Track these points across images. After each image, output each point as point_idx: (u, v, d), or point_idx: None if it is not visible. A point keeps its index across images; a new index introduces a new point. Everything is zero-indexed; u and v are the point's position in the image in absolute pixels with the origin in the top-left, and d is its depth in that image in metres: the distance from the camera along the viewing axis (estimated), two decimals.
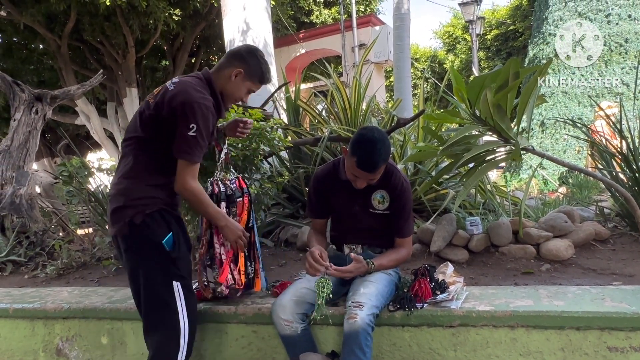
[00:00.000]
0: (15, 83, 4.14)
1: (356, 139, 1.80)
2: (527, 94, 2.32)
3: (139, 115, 1.73)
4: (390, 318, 1.84)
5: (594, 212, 3.06)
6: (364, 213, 1.96)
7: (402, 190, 1.94)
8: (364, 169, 1.77)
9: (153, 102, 1.70)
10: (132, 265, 1.70)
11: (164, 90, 1.71)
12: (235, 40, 5.50)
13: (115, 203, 1.68)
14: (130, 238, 1.66)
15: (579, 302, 1.76)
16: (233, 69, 1.80)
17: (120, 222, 1.65)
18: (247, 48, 1.86)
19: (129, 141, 1.73)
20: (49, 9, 7.58)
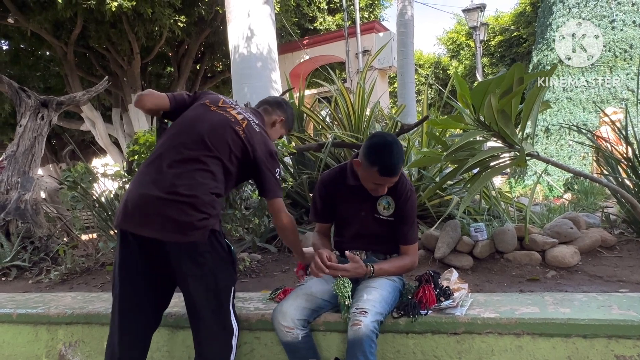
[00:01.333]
0: (21, 89, 4.17)
1: (371, 148, 1.78)
2: (531, 100, 2.31)
3: (230, 141, 1.75)
4: (394, 325, 1.82)
5: (600, 219, 3.04)
6: (369, 219, 1.96)
7: (408, 197, 1.94)
8: (388, 175, 1.77)
9: (244, 139, 1.78)
10: (204, 271, 1.66)
11: (252, 132, 1.82)
12: (240, 47, 5.54)
13: (198, 212, 1.63)
14: (208, 244, 1.66)
15: (585, 310, 1.74)
16: (277, 117, 2.04)
17: (201, 229, 1.63)
18: (284, 100, 2.14)
19: (211, 157, 1.72)
20: (55, 16, 7.65)
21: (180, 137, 1.74)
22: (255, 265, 2.91)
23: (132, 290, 1.69)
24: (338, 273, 1.78)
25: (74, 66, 9.27)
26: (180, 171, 1.66)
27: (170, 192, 1.62)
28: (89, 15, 7.83)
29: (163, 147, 1.74)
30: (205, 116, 1.79)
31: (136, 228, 1.64)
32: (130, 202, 1.65)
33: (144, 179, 1.69)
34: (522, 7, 16.50)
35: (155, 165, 1.70)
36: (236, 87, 5.69)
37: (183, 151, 1.70)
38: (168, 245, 1.62)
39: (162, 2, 7.52)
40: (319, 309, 1.87)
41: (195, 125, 1.76)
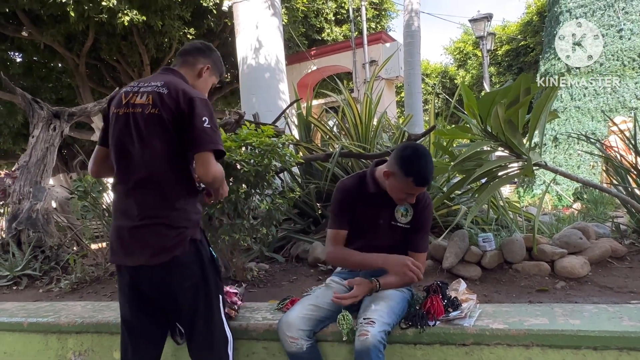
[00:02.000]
0: (34, 101, 4.25)
1: (407, 159, 1.80)
2: (539, 110, 2.32)
3: (154, 132, 1.61)
4: (402, 336, 1.82)
5: (609, 229, 3.01)
6: (386, 226, 1.97)
7: (426, 205, 1.98)
8: (422, 185, 1.81)
9: (159, 114, 1.60)
10: (193, 281, 1.64)
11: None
12: (248, 58, 5.61)
13: (173, 229, 1.59)
14: (191, 254, 1.64)
15: (595, 321, 1.72)
16: (201, 65, 1.79)
17: (181, 244, 1.60)
18: (204, 44, 1.85)
19: (155, 164, 1.61)
20: (68, 30, 7.82)
21: (119, 162, 1.66)
22: (263, 275, 2.92)
23: (133, 315, 1.72)
24: (348, 302, 1.80)
25: (86, 78, 9.44)
26: (138, 196, 1.62)
27: (139, 218, 1.60)
28: (101, 28, 7.99)
29: (115, 177, 1.70)
30: (121, 126, 1.64)
31: (121, 260, 1.65)
32: (114, 235, 1.67)
33: (115, 211, 1.69)
34: (529, 17, 16.51)
35: (118, 195, 1.69)
36: (244, 97, 5.76)
37: (130, 173, 1.63)
38: (154, 268, 1.61)
39: (172, 15, 7.65)
40: (325, 320, 1.87)
41: (119, 141, 1.64)
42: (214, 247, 2.69)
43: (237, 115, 3.72)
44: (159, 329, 1.78)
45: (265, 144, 2.55)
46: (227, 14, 8.21)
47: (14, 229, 3.81)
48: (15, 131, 10.98)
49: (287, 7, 9.43)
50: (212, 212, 2.49)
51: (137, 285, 1.67)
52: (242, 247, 2.89)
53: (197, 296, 1.66)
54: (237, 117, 3.68)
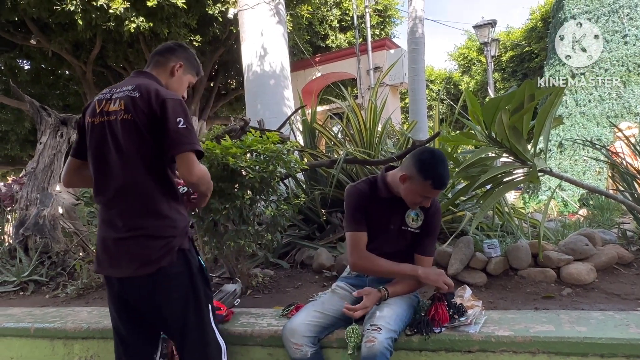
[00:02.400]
0: (42, 108, 4.30)
1: (424, 162, 1.82)
2: (543, 116, 2.32)
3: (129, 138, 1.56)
4: (407, 342, 1.81)
5: (616, 235, 2.99)
6: (396, 231, 1.98)
7: (436, 210, 2.00)
8: (440, 188, 1.84)
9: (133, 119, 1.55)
10: (182, 292, 1.61)
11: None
12: (253, 65, 5.65)
13: (159, 239, 1.56)
14: (179, 265, 1.60)
15: (602, 328, 1.71)
16: (173, 64, 1.75)
17: (168, 254, 1.57)
18: (175, 43, 1.82)
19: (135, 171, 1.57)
20: (76, 37, 7.92)
21: (98, 172, 1.62)
22: (267, 281, 2.92)
23: (123, 325, 1.69)
24: (359, 314, 1.79)
25: (92, 85, 9.54)
26: (120, 205, 1.58)
27: (122, 230, 1.57)
28: (108, 36, 8.08)
29: (95, 188, 1.65)
30: (97, 136, 1.61)
31: (107, 271, 1.63)
32: (99, 247, 1.64)
33: (100, 222, 1.65)
34: (533, 23, 16.53)
35: (101, 208, 1.65)
36: (249, 104, 5.79)
37: (109, 183, 1.59)
38: (140, 280, 1.58)
39: (178, 23, 7.73)
40: (329, 326, 1.87)
41: (95, 155, 1.62)
42: (219, 253, 2.70)
43: (242, 122, 3.74)
44: (148, 339, 1.74)
45: (270, 150, 2.56)
46: (232, 21, 8.29)
47: (21, 235, 3.84)
48: (22, 138, 11.10)
49: (292, 14, 9.51)
50: (218, 218, 2.51)
51: (123, 296, 1.63)
52: (247, 253, 2.90)
53: (186, 307, 1.62)
54: (242, 124, 3.70)
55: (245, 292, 2.76)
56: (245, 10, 5.71)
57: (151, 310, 1.64)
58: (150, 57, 1.80)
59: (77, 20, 6.96)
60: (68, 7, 6.69)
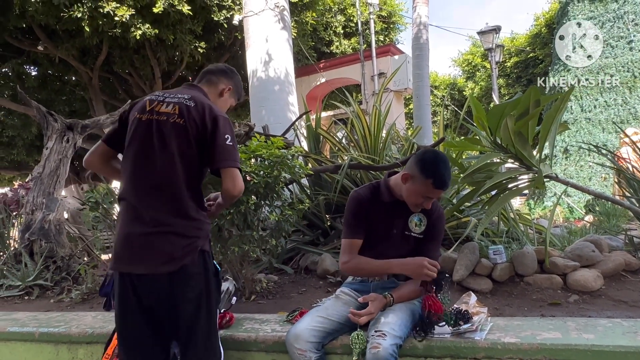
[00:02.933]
0: (49, 113, 4.33)
1: (426, 162, 1.83)
2: (549, 121, 2.31)
3: (176, 141, 1.65)
4: (412, 349, 1.80)
5: (623, 242, 2.96)
6: (400, 236, 1.97)
7: (439, 215, 1.99)
8: (441, 188, 1.83)
9: (185, 125, 1.65)
10: (196, 293, 1.62)
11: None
12: (258, 71, 5.68)
13: (185, 238, 1.60)
14: (199, 265, 1.64)
15: (610, 336, 1.69)
16: (224, 86, 1.88)
17: (191, 253, 1.61)
18: (227, 66, 1.95)
19: (173, 170, 1.64)
20: (82, 44, 7.99)
21: (134, 165, 1.66)
22: (272, 287, 2.92)
23: (131, 326, 1.66)
24: (365, 320, 1.78)
25: (98, 90, 9.61)
26: (153, 201, 1.62)
27: (152, 225, 1.59)
28: (114, 42, 8.15)
29: (128, 182, 1.67)
30: (143, 133, 1.66)
31: (127, 267, 1.62)
32: (118, 243, 1.64)
33: (124, 218, 1.66)
34: (537, 29, 16.52)
35: (129, 201, 1.66)
36: (254, 109, 5.81)
37: (145, 178, 1.63)
38: (160, 277, 1.59)
39: (183, 29, 7.79)
40: (333, 332, 1.86)
41: (138, 148, 1.66)
42: (224, 258, 2.70)
43: (247, 127, 3.75)
44: (157, 343, 1.71)
45: (274, 155, 2.57)
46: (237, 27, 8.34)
47: (26, 239, 3.86)
48: (29, 143, 11.17)
49: (296, 20, 9.55)
50: (222, 223, 2.51)
51: (139, 295, 1.62)
52: (252, 258, 2.89)
53: (199, 309, 1.64)
54: (247, 129, 3.72)
55: (249, 298, 2.76)
56: (250, 17, 5.75)
57: (165, 310, 1.64)
58: (202, 74, 1.92)
59: (84, 27, 7.02)
60: (75, 14, 6.76)
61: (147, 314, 1.65)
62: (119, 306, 1.67)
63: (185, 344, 1.66)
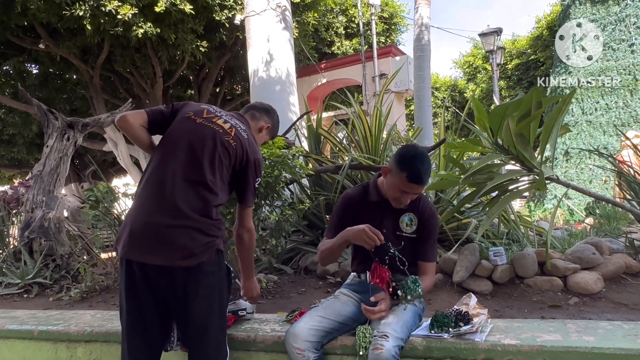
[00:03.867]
0: (50, 111, 4.33)
1: (403, 155, 1.86)
2: (550, 123, 2.31)
3: (223, 155, 1.74)
4: (412, 350, 1.79)
5: (623, 244, 2.96)
6: (391, 236, 1.96)
7: (431, 214, 1.98)
8: (415, 182, 1.82)
9: (235, 148, 1.77)
10: (209, 291, 1.65)
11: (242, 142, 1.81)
12: (259, 70, 5.68)
13: (206, 236, 1.65)
14: (215, 264, 1.69)
15: (610, 338, 1.69)
16: (264, 123, 2.02)
17: (208, 251, 1.65)
18: (270, 106, 2.11)
19: (210, 174, 1.70)
20: (84, 42, 7.99)
21: (176, 156, 1.70)
22: (271, 287, 2.91)
23: (140, 318, 1.66)
24: (377, 317, 1.78)
25: (99, 89, 9.60)
26: (183, 195, 1.64)
27: (177, 217, 1.61)
28: (116, 41, 8.15)
29: (160, 170, 1.69)
30: (195, 131, 1.74)
31: (142, 257, 1.61)
32: (136, 231, 1.63)
33: (146, 206, 1.65)
34: (539, 31, 16.52)
35: (156, 190, 1.66)
36: None
37: (182, 172, 1.67)
38: (175, 271, 1.60)
39: (185, 28, 7.79)
40: (332, 331, 1.85)
41: (188, 142, 1.72)
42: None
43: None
44: (159, 332, 1.72)
45: (275, 155, 2.57)
46: (239, 27, 8.34)
47: (26, 237, 3.86)
48: (29, 141, 11.18)
49: (298, 21, 9.56)
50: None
51: (151, 286, 1.62)
52: None
53: (211, 308, 1.66)
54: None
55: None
56: (252, 17, 5.75)
57: (176, 305, 1.66)
58: (247, 108, 2.07)
59: (86, 25, 7.03)
60: (77, 12, 6.76)
61: (156, 305, 1.66)
62: (128, 298, 1.65)
63: (196, 342, 1.67)
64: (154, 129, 1.81)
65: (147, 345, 1.69)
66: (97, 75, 9.25)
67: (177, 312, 1.68)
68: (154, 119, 1.80)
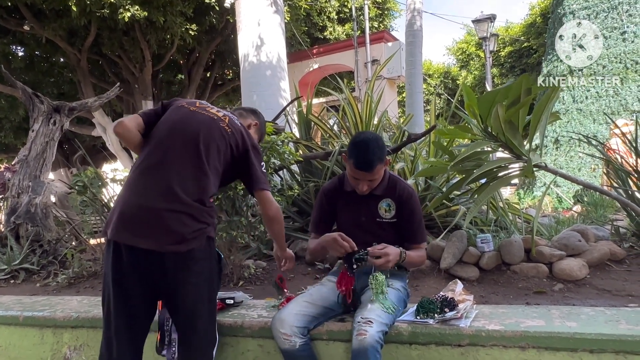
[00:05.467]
0: (35, 95, 4.25)
1: (351, 142, 1.91)
2: (540, 111, 2.30)
3: (219, 140, 1.74)
4: (397, 335, 1.81)
5: (609, 232, 2.99)
6: (371, 223, 1.98)
7: (408, 196, 1.99)
8: (361, 169, 1.85)
9: (231, 134, 1.78)
10: (200, 278, 1.64)
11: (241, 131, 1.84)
12: (250, 55, 5.60)
13: (197, 222, 1.63)
14: (205, 251, 1.67)
15: (592, 324, 1.71)
16: (251, 121, 2.05)
17: (199, 237, 1.64)
18: (256, 109, 2.19)
19: (205, 159, 1.69)
20: (70, 24, 7.81)
21: (171, 141, 1.69)
22: (260, 273, 2.91)
23: (125, 301, 1.63)
24: (381, 260, 1.77)
25: (87, 73, 9.43)
26: (178, 179, 1.63)
27: (171, 201, 1.60)
28: (103, 23, 7.98)
29: (155, 154, 1.68)
30: (190, 117, 1.75)
31: (132, 240, 1.59)
32: (127, 213, 1.60)
33: (139, 188, 1.64)
34: (532, 18, 16.48)
35: (151, 173, 1.65)
36: (245, 95, 5.74)
37: (178, 156, 1.67)
38: (165, 256, 1.59)
39: (174, 11, 7.64)
40: (319, 316, 1.86)
41: (184, 127, 1.72)
42: None
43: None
44: (146, 318, 1.71)
45: (264, 141, 2.54)
46: (229, 10, 8.20)
47: (12, 223, 3.81)
48: (16, 125, 10.98)
49: (289, 4, 9.42)
50: None
51: (138, 269, 1.60)
52: (240, 244, 2.88)
53: (201, 295, 1.65)
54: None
55: (237, 283, 2.76)
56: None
57: (164, 290, 1.65)
58: (235, 109, 2.13)
59: (71, 7, 6.86)
60: None
61: (142, 289, 1.63)
62: (114, 281, 1.62)
63: (186, 328, 1.68)
64: (150, 130, 1.80)
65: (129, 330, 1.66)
66: (85, 58, 9.07)
67: (167, 297, 1.68)
68: (148, 120, 1.80)
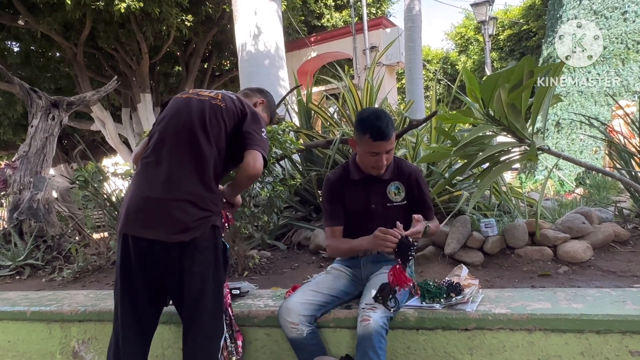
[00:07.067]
0: (32, 90, 4.22)
1: (359, 118, 1.87)
2: (542, 94, 2.28)
3: (214, 119, 1.71)
4: (404, 321, 1.81)
5: (612, 213, 2.99)
6: (382, 209, 1.96)
7: (415, 175, 1.98)
8: (380, 138, 1.80)
9: (225, 109, 1.74)
10: (204, 267, 1.65)
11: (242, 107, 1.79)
12: (247, 45, 5.54)
13: (202, 210, 1.63)
14: (210, 240, 1.67)
15: (598, 305, 1.71)
16: (257, 99, 2.03)
17: (203, 226, 1.64)
18: (263, 88, 2.14)
19: (207, 145, 1.68)
20: (65, 18, 7.72)
21: (167, 132, 1.70)
22: (264, 263, 2.92)
23: (133, 292, 1.66)
24: (413, 235, 1.74)
25: (84, 67, 9.35)
26: (177, 167, 1.64)
27: (172, 191, 1.61)
28: (98, 16, 7.89)
29: (155, 146, 1.70)
30: (182, 105, 1.76)
31: (139, 231, 1.62)
32: (134, 205, 1.63)
33: (145, 181, 1.66)
34: (531, 0, 16.29)
35: (153, 166, 1.67)
36: (244, 85, 5.70)
37: (174, 145, 1.67)
38: (170, 246, 1.60)
39: (169, 2, 7.55)
40: (325, 305, 1.87)
41: (178, 116, 1.73)
42: None
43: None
44: (153, 309, 1.73)
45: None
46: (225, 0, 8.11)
47: (15, 219, 3.82)
48: (14, 122, 10.94)
49: None
50: None
51: (144, 260, 1.62)
52: (244, 235, 2.88)
53: (205, 284, 1.65)
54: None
55: (242, 274, 2.76)
56: None
57: (171, 280, 1.65)
58: (241, 91, 2.11)
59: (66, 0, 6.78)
60: None
61: (149, 280, 1.65)
62: (122, 272, 1.66)
63: (191, 318, 1.67)
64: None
65: (138, 324, 1.69)
66: (81, 52, 8.99)
67: (173, 288, 1.68)
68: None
